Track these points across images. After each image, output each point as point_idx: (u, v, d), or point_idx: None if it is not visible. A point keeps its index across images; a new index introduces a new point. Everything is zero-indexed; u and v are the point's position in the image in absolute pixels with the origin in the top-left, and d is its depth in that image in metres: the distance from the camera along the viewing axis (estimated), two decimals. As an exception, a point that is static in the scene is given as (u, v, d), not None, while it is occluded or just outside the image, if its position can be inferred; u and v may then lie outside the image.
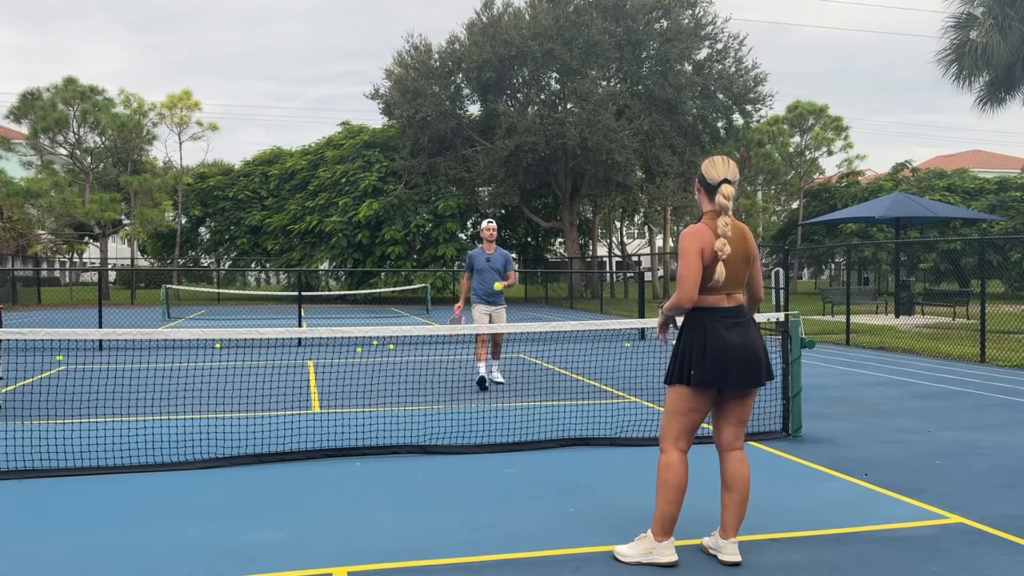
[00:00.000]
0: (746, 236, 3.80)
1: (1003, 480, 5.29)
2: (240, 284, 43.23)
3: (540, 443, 6.27)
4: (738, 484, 3.83)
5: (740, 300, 3.82)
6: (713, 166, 3.80)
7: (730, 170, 3.78)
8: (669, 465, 3.76)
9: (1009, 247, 28.68)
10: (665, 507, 3.72)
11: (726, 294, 3.76)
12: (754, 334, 3.79)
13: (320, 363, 11.78)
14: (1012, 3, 22.84)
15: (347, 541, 4.14)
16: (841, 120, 39.81)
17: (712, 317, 3.73)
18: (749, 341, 3.73)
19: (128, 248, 45.25)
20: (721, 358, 3.66)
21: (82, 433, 6.57)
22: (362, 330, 6.11)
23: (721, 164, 3.79)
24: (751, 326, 3.80)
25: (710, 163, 3.82)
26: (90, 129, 35.25)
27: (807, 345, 6.58)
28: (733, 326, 3.73)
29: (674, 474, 3.74)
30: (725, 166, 3.78)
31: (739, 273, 3.77)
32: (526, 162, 30.43)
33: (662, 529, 3.74)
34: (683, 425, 3.79)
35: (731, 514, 3.82)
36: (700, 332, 3.72)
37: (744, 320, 3.78)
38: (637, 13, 30.77)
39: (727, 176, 3.76)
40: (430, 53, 32.30)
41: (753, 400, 3.90)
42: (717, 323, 3.72)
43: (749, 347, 3.71)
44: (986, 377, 10.37)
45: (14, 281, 31.54)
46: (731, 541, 3.80)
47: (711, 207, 3.77)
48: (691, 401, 3.76)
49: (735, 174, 3.79)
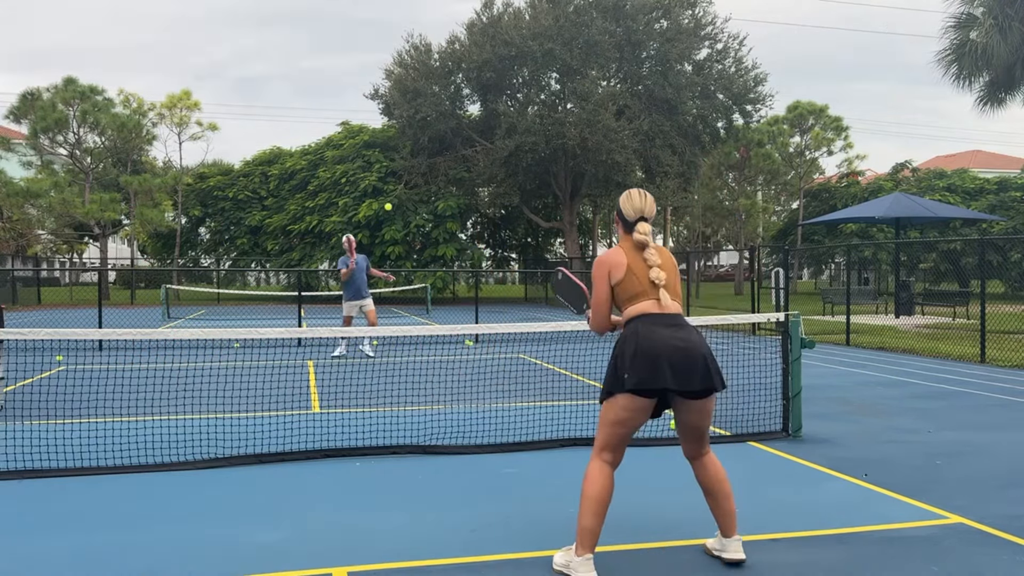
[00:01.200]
0: (668, 256, 3.88)
1: (1003, 480, 5.29)
2: (240, 284, 43.24)
3: (540, 443, 6.27)
4: (715, 487, 3.80)
5: (678, 308, 3.76)
6: (630, 201, 3.84)
7: (648, 206, 3.84)
8: (588, 476, 3.68)
9: (1009, 247, 28.67)
10: (584, 519, 3.60)
11: (655, 299, 3.72)
12: (693, 335, 3.67)
13: (320, 363, 11.78)
14: (1012, 3, 22.83)
15: (347, 541, 4.14)
16: (841, 120, 39.81)
17: (643, 321, 3.68)
18: (685, 340, 3.62)
19: (128, 248, 45.24)
20: (654, 358, 3.56)
21: (82, 433, 6.57)
22: (361, 330, 6.12)
23: (639, 200, 3.83)
24: (689, 328, 3.72)
25: (627, 197, 3.86)
26: (90, 129, 35.26)
27: (807, 345, 6.58)
28: (666, 327, 3.65)
29: (592, 485, 3.63)
30: (643, 201, 3.83)
31: (674, 283, 3.80)
32: (526, 162, 30.43)
33: (581, 543, 3.60)
34: (609, 436, 3.68)
35: (722, 514, 3.80)
36: (632, 337, 3.66)
37: (678, 322, 3.70)
38: (637, 13, 30.76)
39: (644, 213, 3.82)
40: (430, 53, 32.29)
41: (709, 412, 3.75)
42: (648, 325, 3.65)
43: (685, 347, 3.60)
44: (986, 377, 10.37)
45: (14, 281, 31.54)
46: (734, 539, 3.78)
47: (628, 240, 3.83)
48: (623, 411, 3.64)
49: (651, 210, 3.84)
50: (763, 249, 37.94)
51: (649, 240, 3.79)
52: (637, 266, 3.74)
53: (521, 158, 30.17)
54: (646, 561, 3.87)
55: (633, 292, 3.73)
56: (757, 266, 20.30)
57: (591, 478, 3.66)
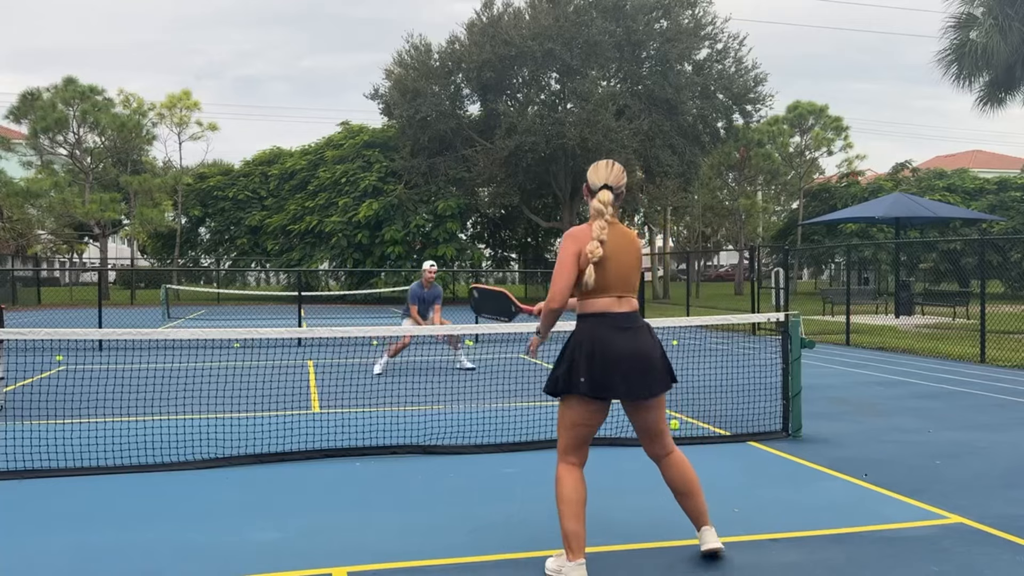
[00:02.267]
0: (631, 239, 3.72)
1: (1003, 480, 5.29)
2: (240, 284, 43.25)
3: (540, 443, 6.27)
4: (683, 486, 3.79)
5: (633, 305, 3.69)
6: (596, 171, 3.73)
7: (612, 175, 3.70)
8: (559, 481, 3.63)
9: (1009, 247, 28.67)
10: (567, 524, 3.54)
11: (616, 297, 3.63)
12: (647, 340, 3.64)
13: (320, 363, 11.78)
14: (1012, 3, 22.83)
15: (347, 541, 4.14)
16: (841, 120, 39.82)
17: (601, 323, 3.60)
18: (640, 348, 3.59)
19: (128, 248, 45.29)
20: (609, 366, 3.52)
21: (82, 433, 6.57)
22: (362, 330, 6.12)
23: (604, 169, 3.72)
24: (643, 332, 3.66)
25: (594, 168, 3.75)
26: (90, 129, 35.28)
27: (807, 345, 6.58)
28: (623, 331, 3.59)
29: (565, 489, 3.58)
30: (608, 171, 3.71)
31: (630, 275, 3.67)
32: (526, 162, 30.43)
33: (569, 547, 3.54)
34: (570, 439, 3.64)
35: (692, 510, 3.81)
36: (588, 339, 3.58)
37: (636, 326, 3.64)
38: (637, 13, 30.76)
39: (608, 181, 3.68)
40: (430, 53, 32.30)
41: (662, 409, 3.75)
42: (606, 329, 3.58)
43: (640, 355, 3.57)
44: (986, 377, 10.37)
45: (14, 281, 31.55)
46: (707, 528, 3.79)
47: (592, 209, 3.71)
48: (580, 413, 3.60)
49: (617, 179, 3.70)
50: (763, 249, 37.95)
51: (605, 210, 3.60)
52: (607, 251, 3.58)
53: (521, 158, 30.18)
54: (641, 562, 3.86)
55: (596, 284, 3.59)
56: (757, 266, 20.31)
57: (562, 482, 3.61)
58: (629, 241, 3.70)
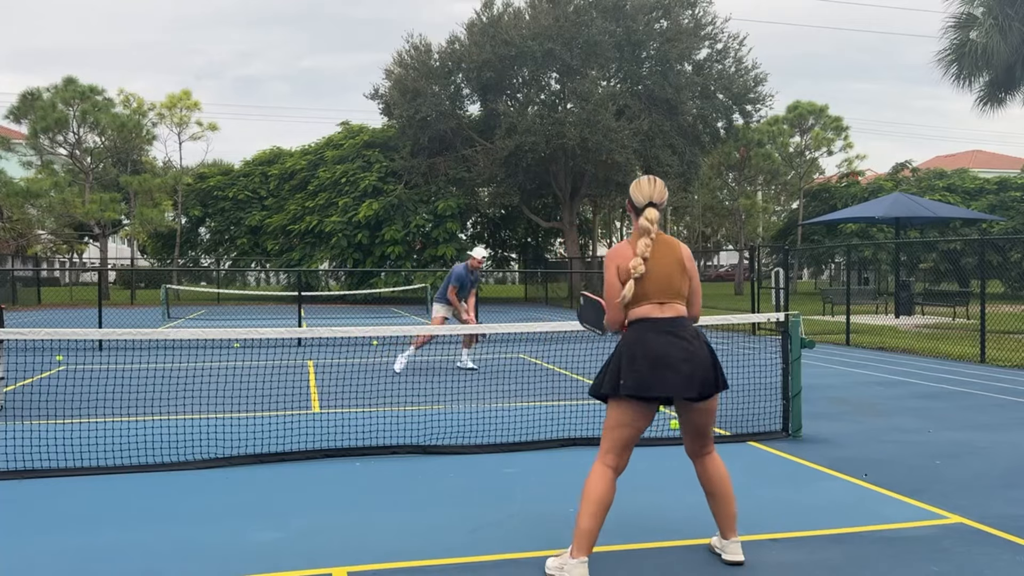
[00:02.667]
0: (673, 246, 3.80)
1: (1003, 480, 5.30)
2: (240, 284, 43.26)
3: (540, 443, 6.27)
4: (716, 487, 3.81)
5: (679, 311, 3.73)
6: (639, 188, 3.83)
7: (656, 192, 3.80)
8: (590, 478, 3.67)
9: (1009, 247, 28.67)
10: (583, 521, 3.58)
11: (658, 303, 3.70)
12: (691, 343, 3.65)
13: (320, 363, 11.78)
14: (1012, 3, 22.83)
15: (347, 541, 4.14)
16: (841, 120, 39.82)
17: (642, 327, 3.69)
18: (682, 350, 3.61)
19: (128, 248, 45.28)
20: (650, 367, 3.58)
21: (82, 433, 6.57)
22: (362, 330, 6.12)
23: (648, 186, 3.82)
24: (684, 336, 3.66)
25: (636, 185, 3.85)
26: (90, 129, 35.26)
27: (807, 345, 6.58)
28: (665, 334, 3.64)
29: (592, 487, 3.63)
30: (651, 187, 3.81)
31: (672, 282, 3.72)
32: (526, 162, 30.43)
33: (578, 546, 3.57)
34: (612, 440, 3.68)
35: (721, 515, 3.82)
36: (630, 342, 3.68)
37: (676, 331, 3.66)
38: (637, 13, 30.76)
39: (653, 199, 3.78)
40: (430, 53, 32.30)
41: (712, 412, 3.79)
42: (647, 332, 3.66)
43: (682, 357, 3.60)
44: (986, 377, 10.37)
45: (14, 281, 31.54)
46: (732, 541, 3.80)
47: (638, 225, 3.81)
48: (624, 415, 3.66)
49: (661, 196, 3.80)
50: (763, 249, 37.93)
51: (652, 228, 3.73)
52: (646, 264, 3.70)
53: (521, 158, 30.17)
54: (641, 562, 3.86)
55: (636, 294, 3.69)
56: (757, 266, 20.30)
57: (592, 481, 3.65)
58: (671, 250, 3.79)
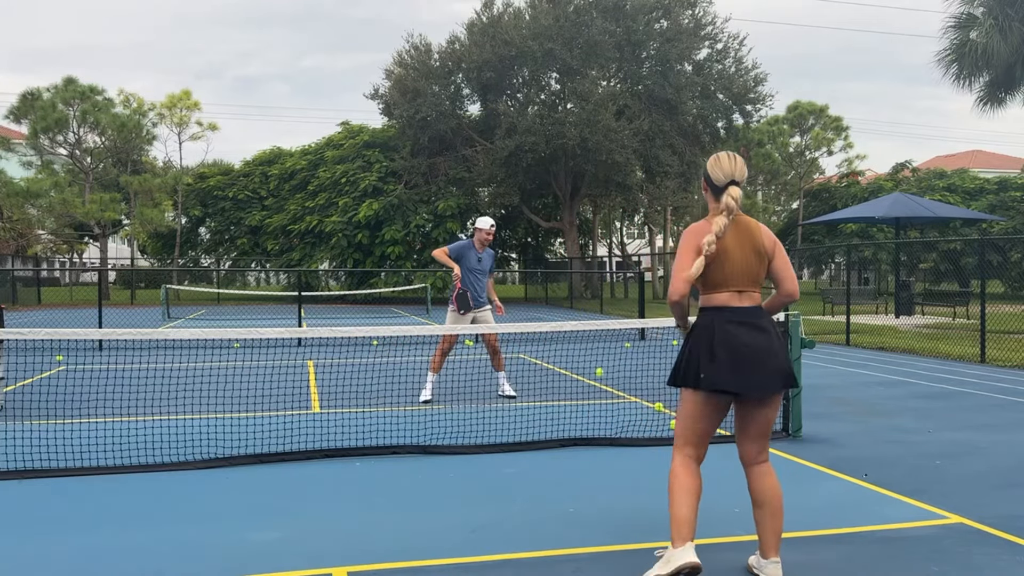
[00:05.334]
0: (753, 231, 3.58)
1: (1003, 480, 5.29)
2: (240, 284, 43.23)
3: (540, 443, 6.27)
4: (767, 498, 3.57)
5: (756, 300, 3.58)
6: (719, 165, 3.59)
7: (737, 169, 3.57)
8: (672, 472, 3.58)
9: (1009, 247, 28.68)
10: (678, 510, 3.47)
11: (736, 291, 3.53)
12: (767, 336, 3.50)
13: (320, 363, 11.78)
14: (1012, 3, 22.82)
15: (347, 541, 4.14)
16: (841, 120, 39.80)
17: (720, 316, 3.52)
18: (760, 342, 3.47)
19: (128, 248, 45.25)
20: (730, 360, 3.43)
21: (82, 433, 6.57)
22: (362, 330, 6.12)
23: (728, 162, 3.58)
24: (764, 327, 3.52)
25: (715, 161, 3.61)
26: (90, 129, 35.23)
27: (807, 345, 6.58)
28: (741, 325, 3.48)
29: (677, 481, 3.53)
30: (732, 164, 3.58)
31: (749, 269, 3.54)
32: (526, 162, 30.43)
33: (677, 535, 3.43)
34: (687, 431, 3.58)
35: (766, 530, 3.57)
36: (708, 333, 3.51)
37: (756, 321, 3.51)
38: (637, 13, 30.77)
39: (735, 176, 3.56)
40: (430, 53, 32.31)
41: (775, 410, 3.63)
42: (725, 323, 3.49)
43: (760, 349, 3.45)
44: (986, 377, 10.37)
45: (14, 281, 31.52)
46: (772, 561, 3.55)
47: (716, 206, 3.59)
48: (700, 407, 3.54)
49: (742, 173, 3.58)
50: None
51: (736, 206, 3.52)
52: (724, 245, 3.51)
53: (521, 158, 30.18)
54: (640, 562, 3.86)
55: (714, 279, 3.53)
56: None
57: (674, 474, 3.55)
58: (751, 234, 3.58)
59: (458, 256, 8.43)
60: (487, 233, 8.55)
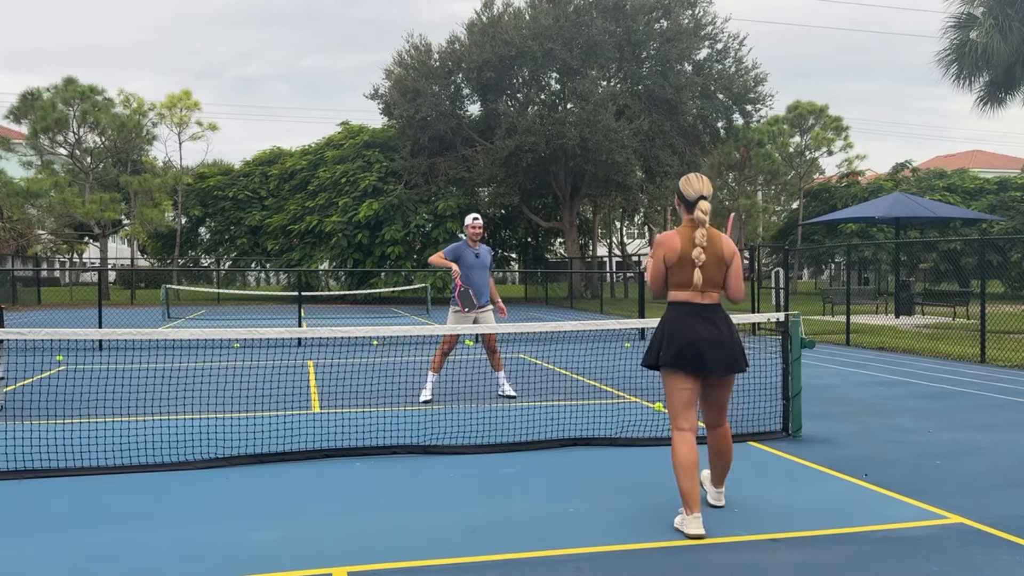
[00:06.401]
0: (716, 241, 4.27)
1: (1003, 480, 5.30)
2: (240, 284, 43.21)
3: (540, 443, 6.27)
4: (722, 448, 4.49)
5: (715, 299, 4.29)
6: (689, 184, 4.33)
7: (705, 187, 4.30)
8: (673, 446, 4.24)
9: (1009, 247, 28.68)
10: (680, 483, 4.17)
11: (700, 291, 4.25)
12: (719, 327, 4.22)
13: (320, 363, 11.78)
14: (1012, 3, 22.83)
15: (347, 541, 4.14)
16: (841, 120, 39.81)
17: (679, 309, 4.28)
18: (710, 332, 4.19)
19: (128, 248, 45.23)
20: (681, 344, 4.18)
21: (82, 433, 6.57)
22: (362, 330, 6.12)
23: (697, 182, 4.32)
24: (718, 321, 4.24)
25: (687, 181, 4.34)
26: (90, 129, 35.22)
27: (807, 345, 6.58)
28: (696, 316, 4.22)
29: (678, 454, 4.19)
30: (700, 183, 4.32)
31: (713, 273, 4.25)
32: (526, 162, 30.43)
33: (688, 504, 4.13)
34: (674, 404, 4.26)
35: (719, 468, 4.57)
36: (668, 321, 4.30)
37: (711, 316, 4.24)
38: (637, 13, 30.77)
39: (703, 193, 4.28)
40: (430, 53, 32.30)
41: (729, 387, 4.41)
42: (682, 315, 4.25)
43: (713, 339, 4.18)
44: (986, 377, 10.37)
45: (14, 281, 31.52)
46: (720, 491, 4.62)
47: (689, 218, 4.30)
48: (673, 380, 4.26)
49: (709, 190, 4.31)
50: (763, 249, 37.94)
51: (706, 219, 4.23)
52: (688, 253, 4.20)
53: (521, 158, 30.18)
54: (640, 561, 3.86)
55: (679, 280, 4.26)
56: (757, 266, 20.30)
57: (675, 450, 4.21)
58: (714, 244, 4.26)
59: (455, 257, 8.50)
60: (472, 227, 8.59)
